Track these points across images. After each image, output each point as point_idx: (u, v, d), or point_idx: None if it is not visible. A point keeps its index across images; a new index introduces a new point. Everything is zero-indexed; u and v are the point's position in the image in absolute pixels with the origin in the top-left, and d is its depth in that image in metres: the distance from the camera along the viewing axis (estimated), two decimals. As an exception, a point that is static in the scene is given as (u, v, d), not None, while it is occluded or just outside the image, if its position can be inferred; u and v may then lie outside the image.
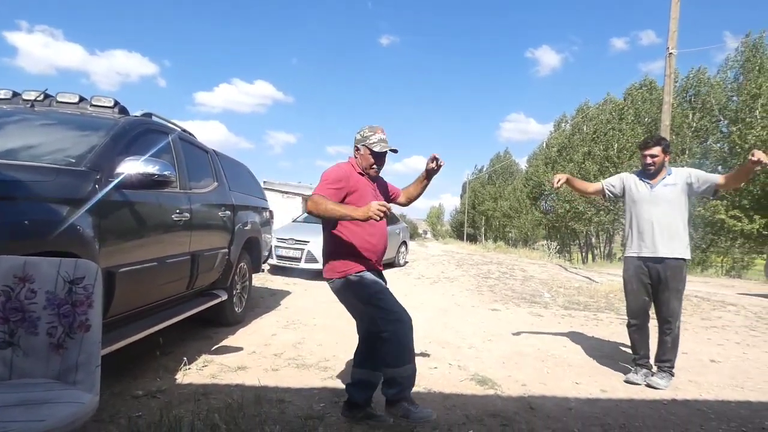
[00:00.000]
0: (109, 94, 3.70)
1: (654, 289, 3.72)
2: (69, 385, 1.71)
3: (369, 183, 2.76)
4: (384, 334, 2.58)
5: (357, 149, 2.74)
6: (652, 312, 3.81)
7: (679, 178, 3.65)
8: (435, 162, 2.86)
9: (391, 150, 2.71)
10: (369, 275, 2.70)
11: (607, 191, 3.97)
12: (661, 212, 3.64)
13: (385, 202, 2.40)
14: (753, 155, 3.12)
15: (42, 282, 1.80)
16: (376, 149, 2.66)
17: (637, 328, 3.80)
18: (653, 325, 3.81)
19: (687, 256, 3.64)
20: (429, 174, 2.96)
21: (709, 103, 23.45)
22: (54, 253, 2.12)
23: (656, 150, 3.67)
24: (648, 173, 3.73)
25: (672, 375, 3.71)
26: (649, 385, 3.62)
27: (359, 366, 2.79)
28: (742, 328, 6.10)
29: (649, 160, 3.69)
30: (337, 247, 2.71)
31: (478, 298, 7.93)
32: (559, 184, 3.84)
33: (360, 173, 2.74)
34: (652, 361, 3.82)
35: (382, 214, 2.34)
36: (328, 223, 2.70)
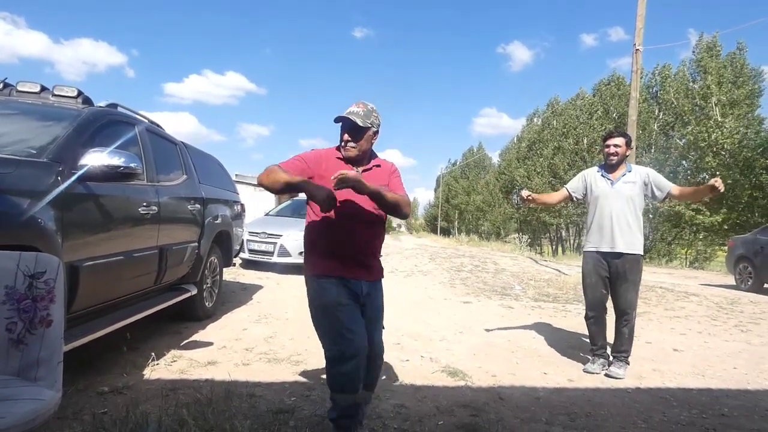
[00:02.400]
0: (74, 84, 3.59)
1: (612, 282, 3.82)
2: (30, 382, 1.66)
3: (346, 168, 2.31)
4: (327, 353, 2.33)
5: None
6: (609, 304, 3.92)
7: (638, 176, 3.76)
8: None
9: (347, 116, 2.29)
10: (329, 283, 2.31)
11: (573, 195, 4.05)
12: (621, 208, 3.73)
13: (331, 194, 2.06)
14: (715, 182, 3.28)
15: (1, 276, 1.74)
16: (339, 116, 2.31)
17: (594, 320, 3.91)
18: (610, 316, 3.92)
19: (642, 251, 3.77)
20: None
21: (670, 101, 24.09)
22: (15, 247, 2.05)
23: (620, 141, 3.79)
24: (610, 164, 3.82)
25: (628, 364, 3.83)
26: (608, 375, 3.73)
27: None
28: (704, 318, 6.33)
29: (612, 150, 3.78)
30: (307, 242, 2.47)
31: (451, 291, 8.01)
32: (528, 197, 3.95)
33: (340, 158, 2.38)
34: (609, 351, 3.94)
35: (328, 204, 2.05)
36: (307, 214, 2.46)
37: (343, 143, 2.35)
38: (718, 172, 20.17)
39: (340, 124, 2.34)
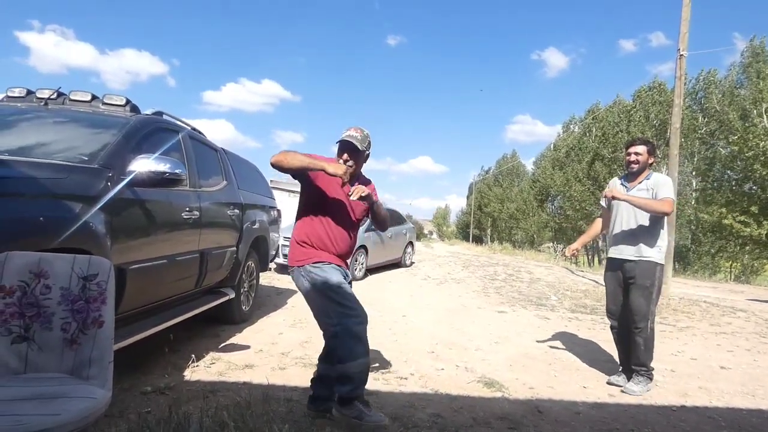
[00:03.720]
0: (119, 93, 3.74)
1: (624, 289, 3.73)
2: (82, 380, 1.73)
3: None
4: (335, 328, 2.60)
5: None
6: None
7: (652, 183, 3.64)
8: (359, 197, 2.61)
9: (348, 139, 2.66)
10: (328, 267, 2.69)
11: (606, 210, 3.99)
12: (630, 214, 3.66)
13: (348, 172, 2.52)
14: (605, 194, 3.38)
15: (56, 278, 1.82)
16: (339, 139, 2.70)
17: (617, 330, 3.83)
18: None
19: (656, 258, 3.59)
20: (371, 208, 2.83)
21: (713, 108, 23.23)
22: (67, 249, 2.14)
23: (641, 149, 3.67)
24: (631, 171, 3.72)
25: (650, 380, 3.65)
26: (623, 392, 3.58)
27: (322, 361, 2.84)
28: (752, 335, 6.05)
29: (633, 158, 3.68)
30: (298, 237, 2.78)
31: (485, 300, 7.91)
32: (574, 251, 4.05)
33: None
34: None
35: (344, 173, 2.48)
36: (300, 212, 2.82)
37: (342, 161, 2.69)
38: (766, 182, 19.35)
39: (339, 144, 2.70)
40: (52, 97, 3.54)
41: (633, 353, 3.66)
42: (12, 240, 1.95)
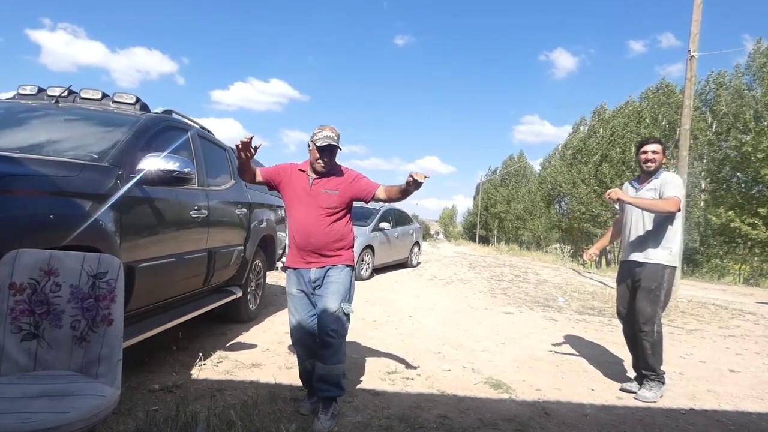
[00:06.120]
0: (129, 91, 3.75)
1: (632, 292, 3.65)
2: (91, 378, 1.73)
3: (305, 179, 2.88)
4: None
5: (308, 146, 2.89)
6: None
7: (659, 183, 3.55)
8: (414, 182, 2.68)
9: (334, 145, 2.81)
10: (289, 273, 2.97)
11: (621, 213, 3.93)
12: (638, 216, 3.58)
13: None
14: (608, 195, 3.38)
15: (66, 276, 1.82)
16: (319, 143, 2.80)
17: (628, 334, 3.76)
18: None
19: (664, 260, 3.49)
20: (408, 188, 2.78)
21: (722, 110, 23.02)
22: (77, 247, 2.15)
23: (657, 147, 3.57)
24: (648, 170, 3.61)
25: (662, 384, 3.55)
26: (636, 399, 3.50)
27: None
28: (762, 338, 5.99)
29: (650, 156, 3.56)
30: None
31: (491, 301, 7.89)
32: (590, 257, 3.96)
33: (300, 170, 2.91)
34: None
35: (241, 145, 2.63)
36: None
37: (320, 161, 2.82)
38: None
39: (321, 148, 2.78)
40: (62, 95, 3.56)
41: (641, 358, 3.57)
42: (22, 237, 1.96)
